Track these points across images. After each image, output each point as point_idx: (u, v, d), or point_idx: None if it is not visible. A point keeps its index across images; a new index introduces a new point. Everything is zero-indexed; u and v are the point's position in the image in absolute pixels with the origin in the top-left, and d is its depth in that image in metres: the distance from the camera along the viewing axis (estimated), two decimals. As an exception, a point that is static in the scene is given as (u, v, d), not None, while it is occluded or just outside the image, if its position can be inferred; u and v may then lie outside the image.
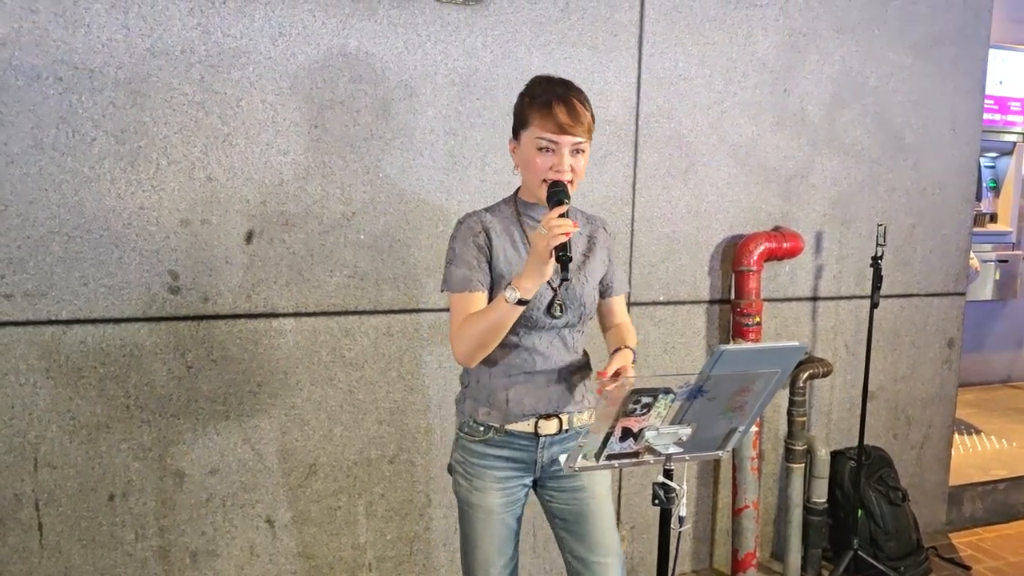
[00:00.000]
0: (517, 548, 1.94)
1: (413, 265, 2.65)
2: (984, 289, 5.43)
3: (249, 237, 2.45)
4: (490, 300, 1.81)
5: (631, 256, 2.97)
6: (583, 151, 1.80)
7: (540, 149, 1.77)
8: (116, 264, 2.32)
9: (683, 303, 3.10)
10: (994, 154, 5.52)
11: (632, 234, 2.96)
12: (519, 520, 1.94)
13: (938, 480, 3.75)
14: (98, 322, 2.32)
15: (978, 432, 4.63)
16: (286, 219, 2.48)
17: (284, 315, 2.52)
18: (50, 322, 2.28)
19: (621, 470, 3.00)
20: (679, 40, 2.93)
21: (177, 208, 2.36)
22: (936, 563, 3.43)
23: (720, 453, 1.59)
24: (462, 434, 1.93)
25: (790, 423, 3.18)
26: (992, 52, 4.02)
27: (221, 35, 2.35)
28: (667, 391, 1.43)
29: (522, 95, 1.84)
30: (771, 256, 3.11)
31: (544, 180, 1.77)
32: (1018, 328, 5.80)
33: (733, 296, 3.12)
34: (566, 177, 1.76)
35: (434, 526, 2.79)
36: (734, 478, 3.17)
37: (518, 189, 1.91)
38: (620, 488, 3.07)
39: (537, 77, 1.86)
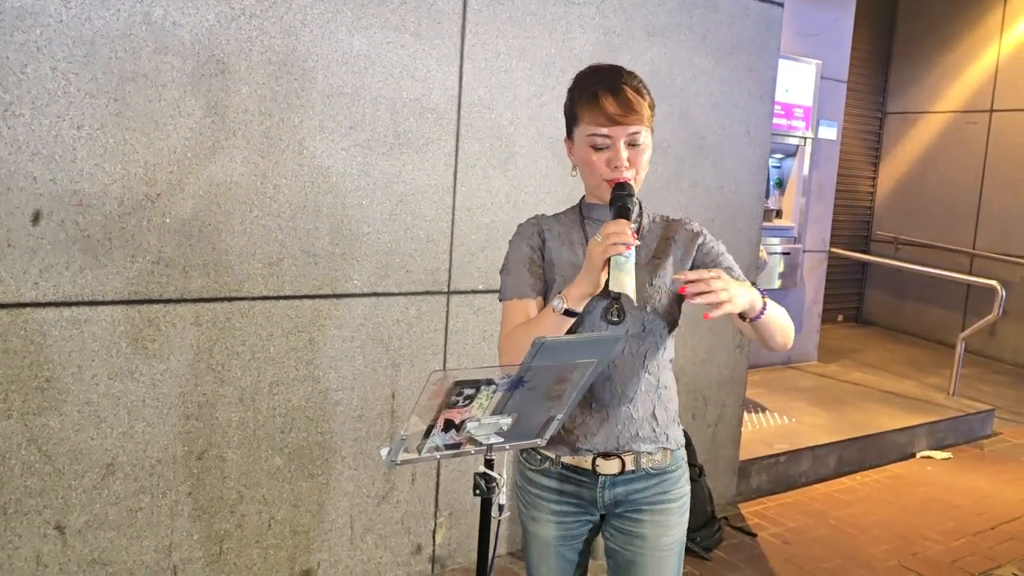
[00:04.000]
0: None
1: (225, 251, 2.52)
2: (771, 279, 5.94)
3: (36, 218, 2.23)
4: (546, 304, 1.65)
5: (452, 245, 2.98)
6: (642, 143, 1.67)
7: (594, 147, 1.65)
8: None
9: (502, 292, 3.15)
10: (780, 156, 6.03)
11: (453, 223, 2.97)
12: (582, 553, 1.79)
13: (730, 456, 4.06)
14: None
15: (764, 410, 5.06)
16: (80, 199, 2.28)
17: (78, 304, 2.31)
18: None
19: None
20: (501, 32, 2.97)
21: (-52, 184, 2.11)
22: (728, 532, 3.72)
23: (539, 441, 1.63)
24: (522, 457, 1.79)
25: (601, 407, 3.32)
26: (781, 62, 4.38)
27: (2, -8, 2.12)
28: (489, 382, 1.45)
29: (570, 90, 1.71)
30: (585, 247, 3.23)
31: (607, 181, 1.64)
32: (798, 314, 6.38)
33: (549, 285, 3.21)
34: (627, 174, 1.64)
35: (246, 523, 2.68)
36: (548, 461, 3.27)
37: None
38: (439, 475, 3.08)
39: (584, 69, 1.71)
